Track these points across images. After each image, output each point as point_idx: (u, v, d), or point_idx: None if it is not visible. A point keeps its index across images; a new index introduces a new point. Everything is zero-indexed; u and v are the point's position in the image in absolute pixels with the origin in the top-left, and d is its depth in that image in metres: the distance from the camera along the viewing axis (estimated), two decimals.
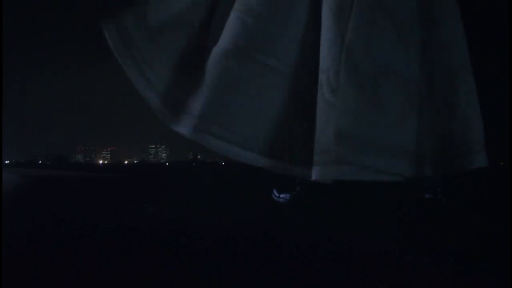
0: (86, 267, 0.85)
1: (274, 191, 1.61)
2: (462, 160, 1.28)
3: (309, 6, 1.26)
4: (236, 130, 1.23)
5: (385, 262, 0.88)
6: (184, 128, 1.23)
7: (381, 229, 1.23)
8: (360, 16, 1.19)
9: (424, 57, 1.25)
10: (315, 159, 1.16)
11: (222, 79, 1.24)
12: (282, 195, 1.58)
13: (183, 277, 0.78)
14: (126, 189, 3.14)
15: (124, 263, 0.88)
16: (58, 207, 1.89)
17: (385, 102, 1.19)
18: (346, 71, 1.18)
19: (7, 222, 1.37)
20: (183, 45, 1.33)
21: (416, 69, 1.24)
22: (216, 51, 1.25)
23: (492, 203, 1.78)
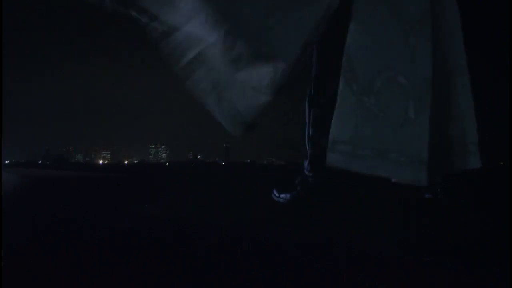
0: (86, 267, 0.85)
1: (274, 191, 1.61)
2: (456, 161, 1.28)
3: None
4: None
5: (385, 262, 0.88)
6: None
7: (381, 229, 1.23)
8: (363, 16, 1.18)
9: (429, 58, 1.23)
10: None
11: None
12: (282, 195, 1.58)
13: (183, 277, 0.78)
14: (126, 189, 3.14)
15: (124, 263, 0.88)
16: (58, 207, 1.89)
17: (386, 107, 1.17)
18: (345, 75, 1.17)
19: (7, 222, 1.37)
20: None
21: (421, 71, 1.22)
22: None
23: (492, 203, 1.78)
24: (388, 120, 1.17)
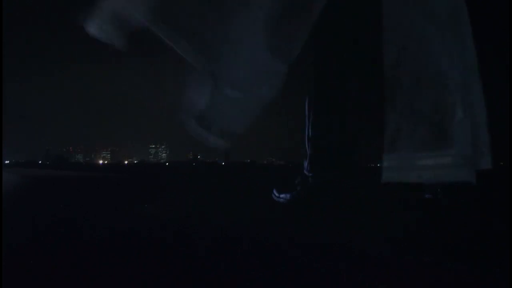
0: (86, 267, 0.85)
1: (274, 191, 1.61)
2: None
3: None
4: None
5: (385, 262, 0.88)
6: None
7: (381, 229, 1.23)
8: (392, 22, 1.17)
9: (468, 55, 1.22)
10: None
11: None
12: (282, 195, 1.58)
13: (183, 277, 0.78)
14: (126, 189, 3.14)
15: (124, 263, 0.88)
16: (58, 207, 1.89)
17: (434, 112, 1.15)
18: (386, 92, 1.17)
19: (7, 222, 1.37)
20: None
21: (462, 69, 1.20)
22: None
23: (492, 203, 1.78)
24: (438, 124, 1.15)
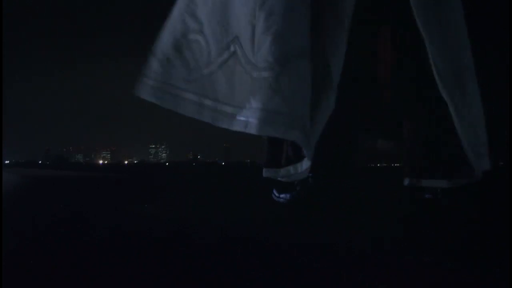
0: (86, 267, 0.85)
1: (274, 191, 1.61)
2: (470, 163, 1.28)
3: None
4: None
5: (385, 262, 0.88)
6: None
7: (381, 229, 1.23)
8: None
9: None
10: None
11: None
12: (282, 195, 1.57)
13: (183, 277, 0.78)
14: (126, 189, 3.14)
15: (124, 263, 0.88)
16: (58, 207, 1.89)
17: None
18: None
19: (7, 222, 1.37)
20: None
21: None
22: None
23: (492, 203, 1.78)
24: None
